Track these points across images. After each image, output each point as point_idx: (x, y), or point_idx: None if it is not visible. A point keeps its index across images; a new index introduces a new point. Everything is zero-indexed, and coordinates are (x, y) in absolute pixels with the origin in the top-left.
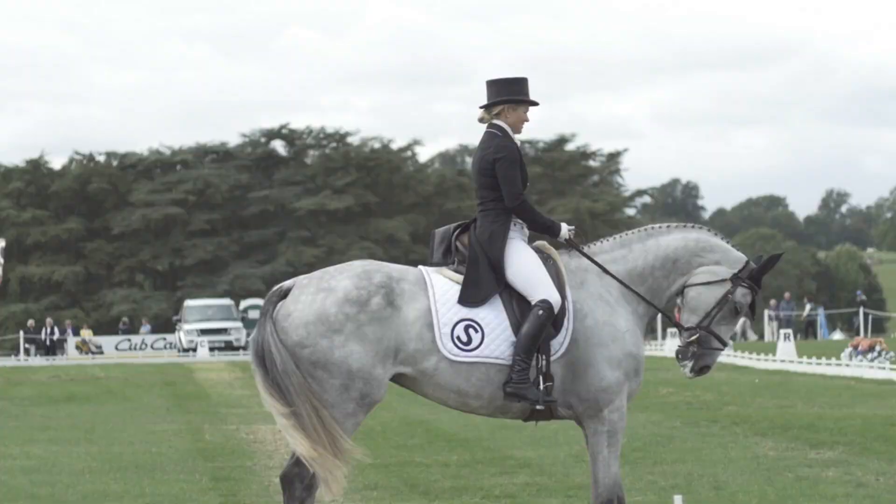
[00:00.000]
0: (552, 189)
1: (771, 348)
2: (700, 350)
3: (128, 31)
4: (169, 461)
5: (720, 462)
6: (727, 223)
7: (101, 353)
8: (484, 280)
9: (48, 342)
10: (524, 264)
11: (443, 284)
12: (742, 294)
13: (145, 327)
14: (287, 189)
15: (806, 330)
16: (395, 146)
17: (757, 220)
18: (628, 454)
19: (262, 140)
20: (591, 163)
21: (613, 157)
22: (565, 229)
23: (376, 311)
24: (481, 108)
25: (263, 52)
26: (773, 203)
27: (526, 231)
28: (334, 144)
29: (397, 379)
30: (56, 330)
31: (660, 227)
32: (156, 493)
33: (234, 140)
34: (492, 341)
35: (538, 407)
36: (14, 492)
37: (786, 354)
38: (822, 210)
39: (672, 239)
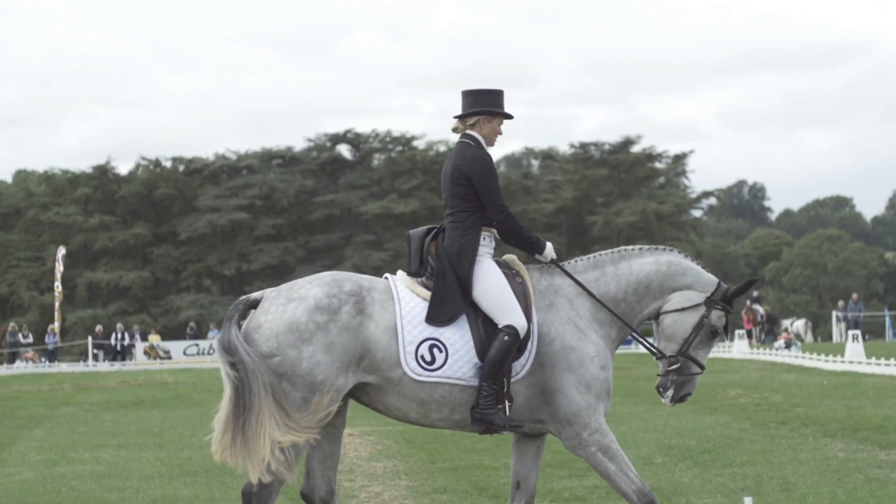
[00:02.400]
0: (618, 191)
1: (839, 349)
2: (680, 378)
3: (193, 36)
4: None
5: (789, 464)
6: (794, 224)
7: (170, 358)
8: (450, 298)
9: (117, 347)
10: (493, 286)
11: (410, 300)
12: (717, 317)
13: (213, 332)
14: (353, 193)
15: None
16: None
17: (824, 220)
18: (697, 456)
19: (328, 144)
20: (657, 165)
21: (679, 158)
22: (550, 248)
23: (346, 319)
24: (456, 118)
25: (328, 57)
26: (840, 204)
27: (493, 244)
28: (400, 148)
29: (357, 394)
30: (125, 335)
31: (632, 249)
32: (225, 498)
33: (299, 144)
34: (455, 362)
35: (503, 432)
36: (84, 497)
37: (854, 355)
38: (889, 210)
39: (644, 262)
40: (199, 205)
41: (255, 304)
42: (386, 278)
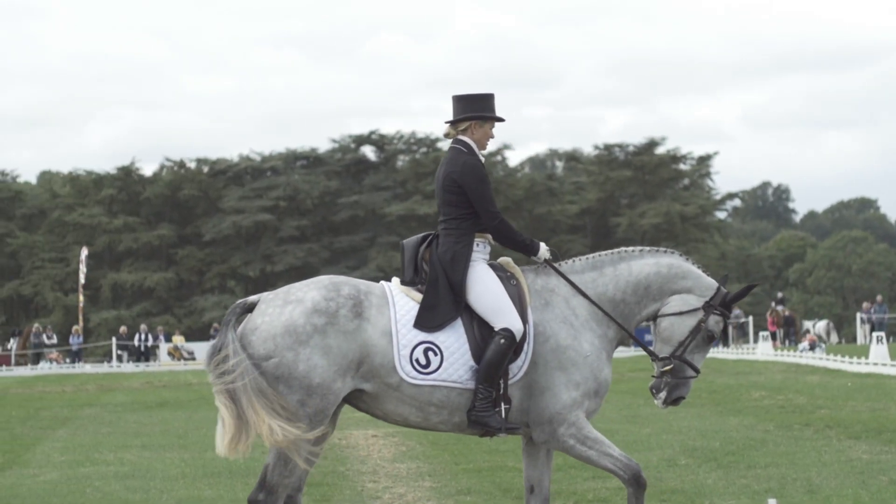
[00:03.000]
0: (642, 193)
1: (863, 351)
2: (674, 380)
3: (217, 37)
4: (260, 466)
5: (814, 466)
6: (818, 226)
7: (194, 359)
8: (442, 304)
9: (140, 348)
10: (487, 290)
11: (405, 304)
12: (715, 322)
13: None
14: (377, 194)
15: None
16: (484, 151)
17: (848, 222)
18: (721, 458)
19: (352, 146)
20: (682, 166)
21: (704, 160)
22: (544, 249)
23: (344, 322)
24: (447, 123)
25: (353, 58)
26: (865, 205)
27: (489, 249)
28: (424, 149)
29: (354, 400)
30: (148, 336)
31: (632, 251)
32: None
33: (323, 146)
34: (450, 365)
35: (500, 435)
36: (108, 498)
37: (879, 357)
38: None
39: (644, 264)
40: (224, 206)
41: (252, 308)
42: (381, 283)
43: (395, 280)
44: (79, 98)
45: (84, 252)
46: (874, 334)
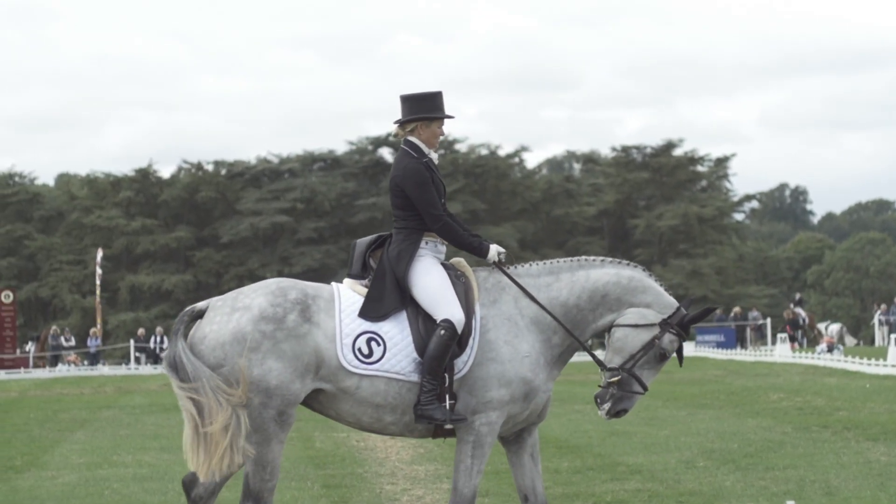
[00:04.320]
0: (660, 195)
1: (881, 353)
2: (619, 392)
3: (235, 39)
4: (280, 468)
5: (832, 467)
6: (836, 227)
7: None
8: (387, 296)
9: (158, 350)
10: (430, 282)
11: (349, 297)
12: (669, 341)
13: None
14: None
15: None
16: (502, 152)
17: (866, 224)
18: (739, 460)
19: (370, 147)
20: (699, 168)
21: (721, 161)
22: (494, 251)
23: (293, 327)
24: (395, 123)
25: (370, 60)
26: (883, 207)
27: (441, 248)
28: (442, 151)
29: (310, 400)
30: (163, 339)
31: (593, 260)
32: None
33: (341, 148)
34: (393, 356)
35: (447, 426)
36: (127, 500)
37: None
38: None
39: (604, 273)
40: (241, 208)
41: (200, 315)
42: (331, 284)
43: (346, 280)
44: (96, 100)
45: (100, 254)
46: (892, 336)
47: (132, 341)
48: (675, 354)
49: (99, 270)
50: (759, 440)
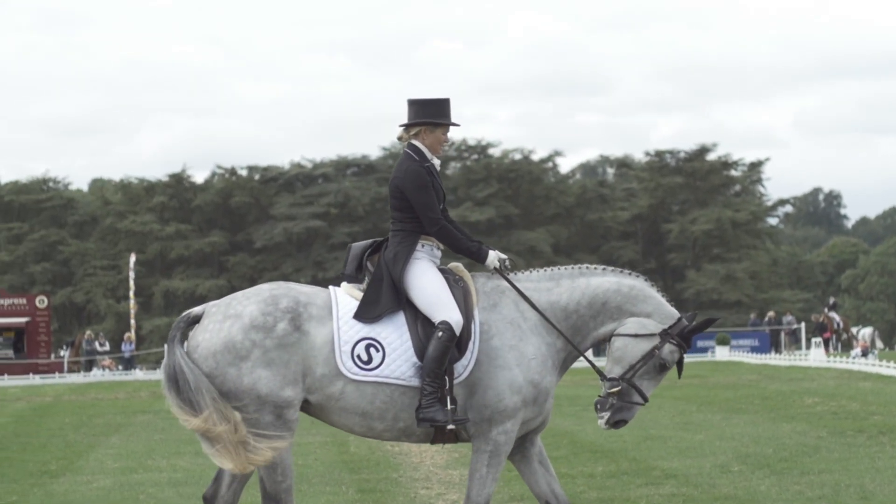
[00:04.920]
0: (694, 199)
1: None
2: (619, 403)
3: (269, 44)
4: (315, 473)
5: (867, 472)
6: (870, 232)
7: None
8: (383, 298)
9: None
10: (426, 285)
11: (347, 303)
12: (669, 351)
13: None
14: None
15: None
16: (536, 157)
17: None
18: (774, 464)
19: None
20: (733, 172)
21: (755, 166)
22: (493, 256)
23: (283, 336)
24: (400, 126)
25: (404, 65)
26: None
27: (437, 253)
28: (475, 156)
29: (306, 407)
30: None
31: (594, 268)
32: None
33: (374, 153)
34: (393, 361)
35: (449, 427)
36: None
37: None
38: None
39: (605, 281)
40: (275, 213)
41: (197, 320)
42: (328, 289)
43: (344, 284)
44: (130, 105)
45: (132, 259)
46: None
47: (166, 346)
48: (675, 366)
49: (132, 275)
50: (794, 445)
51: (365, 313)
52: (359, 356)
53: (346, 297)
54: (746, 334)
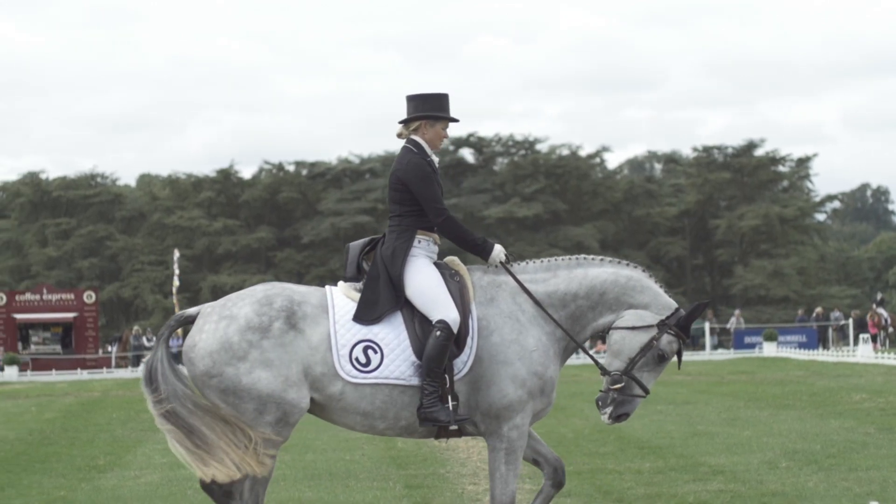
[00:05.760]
0: (741, 195)
1: None
2: (621, 396)
3: (317, 40)
4: (362, 469)
5: None
6: None
7: None
8: (381, 298)
9: None
10: (424, 283)
11: (343, 305)
12: (668, 342)
13: None
14: (476, 197)
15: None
16: (583, 153)
17: None
18: (822, 461)
19: (451, 148)
20: (781, 168)
21: (803, 162)
22: (498, 251)
23: (278, 336)
24: (400, 122)
25: (452, 60)
26: None
27: (434, 248)
28: (523, 152)
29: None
30: None
31: (591, 258)
32: (349, 501)
33: None
34: (391, 362)
35: (452, 427)
36: (209, 500)
37: None
38: None
39: (602, 271)
40: (322, 208)
41: (190, 320)
42: (324, 288)
43: (340, 283)
44: (178, 101)
45: (176, 254)
46: None
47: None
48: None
49: (176, 270)
50: (842, 441)
51: (364, 315)
52: (357, 359)
53: (343, 297)
54: (794, 330)
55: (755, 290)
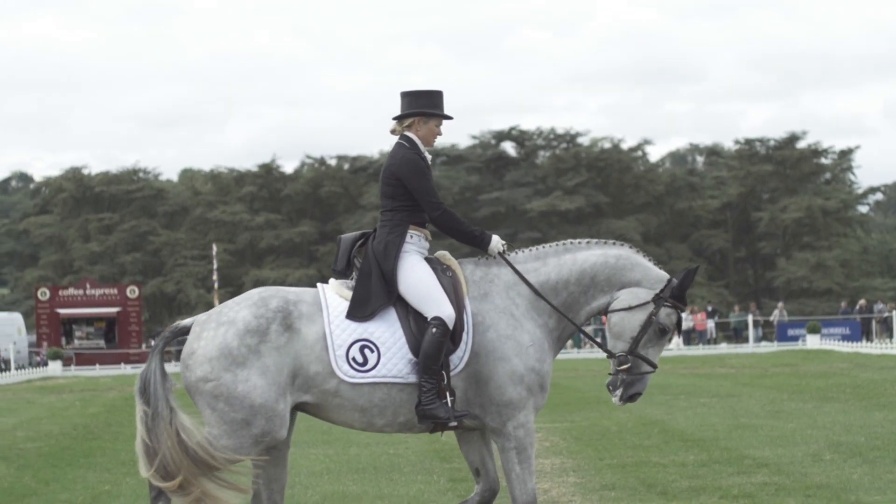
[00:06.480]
0: (784, 187)
1: None
2: (630, 377)
3: (358, 34)
4: (406, 462)
5: None
6: None
7: None
8: (374, 294)
9: None
10: (418, 279)
11: (337, 304)
12: (666, 314)
13: None
14: (518, 190)
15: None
16: (625, 146)
17: None
18: (867, 453)
19: (493, 142)
20: (823, 160)
21: (845, 154)
22: (496, 242)
23: (275, 338)
24: (394, 118)
25: (494, 54)
26: None
27: (426, 244)
28: (564, 145)
29: (303, 407)
30: None
31: (578, 242)
32: (394, 495)
33: (464, 142)
34: (388, 360)
35: (451, 424)
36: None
37: None
38: None
39: (591, 254)
40: (364, 203)
41: (184, 332)
42: (316, 287)
43: (332, 280)
44: (220, 96)
45: (214, 249)
46: None
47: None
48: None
49: (215, 265)
50: (887, 433)
51: (357, 312)
52: (354, 358)
53: (335, 296)
54: (837, 323)
55: (798, 282)
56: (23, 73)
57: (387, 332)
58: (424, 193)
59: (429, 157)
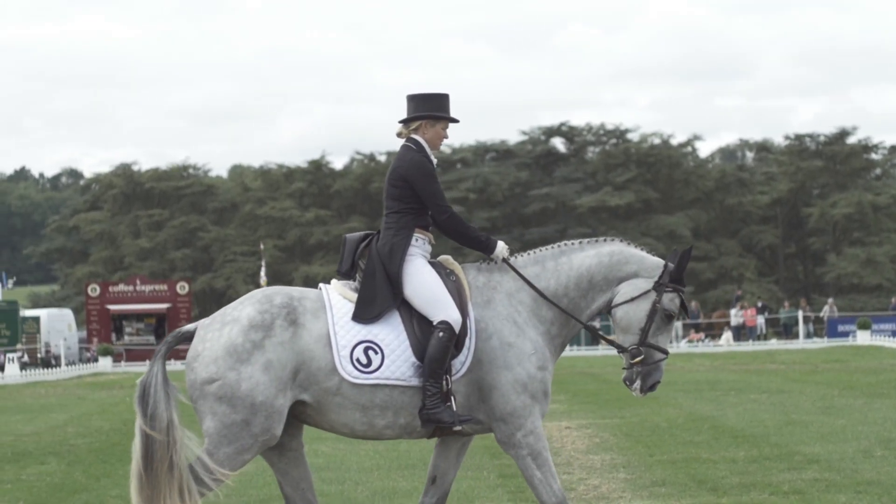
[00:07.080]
0: (833, 183)
1: None
2: (645, 368)
3: (408, 30)
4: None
5: None
6: None
7: None
8: (379, 296)
9: None
10: (423, 283)
11: (342, 305)
12: (669, 299)
13: None
14: (567, 186)
15: None
16: (675, 142)
17: None
18: None
19: (542, 138)
20: (874, 156)
21: (895, 149)
22: (501, 247)
23: (280, 333)
24: (400, 122)
25: (543, 50)
26: None
27: (429, 248)
28: (614, 141)
29: (301, 415)
30: None
31: (572, 244)
32: None
33: (513, 138)
34: (392, 362)
35: (456, 428)
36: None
37: None
38: None
39: (585, 256)
40: None
41: (187, 337)
42: (320, 288)
43: (334, 281)
44: (269, 92)
45: (262, 246)
46: None
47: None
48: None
49: (263, 261)
50: None
51: (362, 313)
52: (358, 360)
53: (339, 297)
54: (888, 318)
55: (848, 278)
56: (73, 69)
57: (391, 334)
58: (432, 196)
59: (434, 160)
